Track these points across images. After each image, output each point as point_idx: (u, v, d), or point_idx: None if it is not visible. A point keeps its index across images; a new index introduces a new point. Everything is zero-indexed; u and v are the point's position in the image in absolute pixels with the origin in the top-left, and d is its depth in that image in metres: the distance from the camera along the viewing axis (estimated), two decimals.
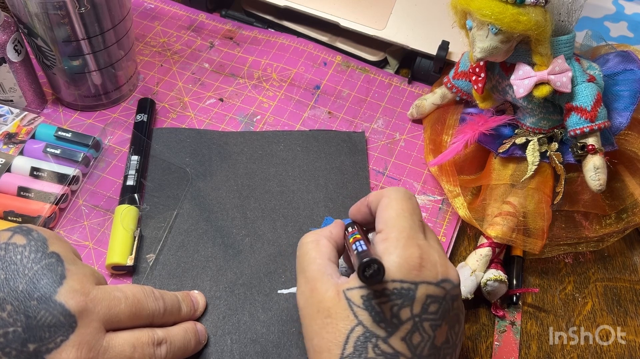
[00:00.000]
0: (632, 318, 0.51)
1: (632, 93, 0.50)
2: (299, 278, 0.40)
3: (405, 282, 0.35)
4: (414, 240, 0.37)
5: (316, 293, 0.37)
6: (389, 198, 0.39)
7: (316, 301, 0.37)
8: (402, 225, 0.37)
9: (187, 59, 0.67)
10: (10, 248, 0.36)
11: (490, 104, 0.54)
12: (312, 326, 0.37)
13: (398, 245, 0.36)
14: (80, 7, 0.50)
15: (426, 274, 0.36)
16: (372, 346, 0.35)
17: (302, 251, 0.41)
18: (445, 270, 0.37)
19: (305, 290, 0.38)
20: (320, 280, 0.38)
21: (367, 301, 0.35)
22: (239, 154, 0.57)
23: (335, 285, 0.37)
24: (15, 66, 0.55)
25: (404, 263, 0.35)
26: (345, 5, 0.66)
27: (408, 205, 0.39)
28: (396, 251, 0.36)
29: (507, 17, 0.44)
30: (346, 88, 0.65)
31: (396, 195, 0.39)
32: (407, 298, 0.35)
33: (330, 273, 0.38)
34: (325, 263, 0.39)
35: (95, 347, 0.36)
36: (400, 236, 0.37)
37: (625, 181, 0.53)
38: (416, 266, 0.36)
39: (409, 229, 0.37)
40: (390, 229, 0.37)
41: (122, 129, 0.59)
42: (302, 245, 0.41)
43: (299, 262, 0.41)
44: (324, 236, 0.41)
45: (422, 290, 0.35)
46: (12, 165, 0.52)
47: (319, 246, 0.40)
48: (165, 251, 0.50)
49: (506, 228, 0.50)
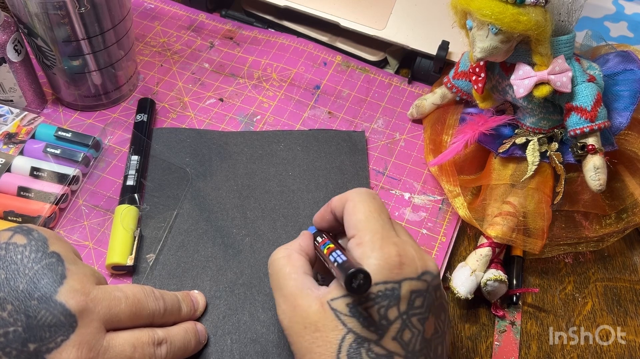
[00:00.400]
0: (632, 318, 0.51)
1: (632, 93, 0.50)
2: (276, 296, 0.39)
3: (389, 282, 0.35)
4: (388, 239, 0.37)
5: (299, 309, 0.37)
6: (353, 201, 0.39)
7: (301, 317, 0.36)
8: (374, 226, 0.37)
9: (187, 59, 0.67)
10: (11, 248, 0.36)
11: (490, 104, 0.54)
12: (302, 343, 0.36)
13: (374, 247, 0.36)
14: (80, 7, 0.50)
15: (407, 270, 0.36)
16: (365, 350, 0.35)
17: (275, 268, 0.40)
18: (423, 263, 0.37)
19: (287, 308, 0.38)
20: (300, 296, 0.37)
21: (353, 308, 0.35)
22: (239, 154, 0.57)
23: (318, 298, 0.36)
24: (15, 66, 0.55)
25: (384, 264, 0.35)
26: (345, 5, 0.66)
27: (374, 205, 0.39)
28: (373, 253, 0.36)
29: (507, 17, 0.44)
30: (346, 88, 0.65)
31: (360, 197, 0.39)
32: (393, 298, 0.35)
33: (308, 286, 0.38)
34: (302, 277, 0.38)
35: (96, 347, 0.36)
36: (375, 237, 0.36)
37: (625, 181, 0.53)
38: (396, 264, 0.36)
39: (381, 229, 0.37)
40: (363, 232, 0.37)
41: (122, 129, 0.59)
42: (273, 262, 0.40)
43: (273, 280, 0.40)
44: (294, 250, 0.40)
45: (406, 287, 0.35)
46: (12, 165, 0.52)
47: (291, 261, 0.39)
48: (165, 251, 0.50)
49: (506, 228, 0.50)
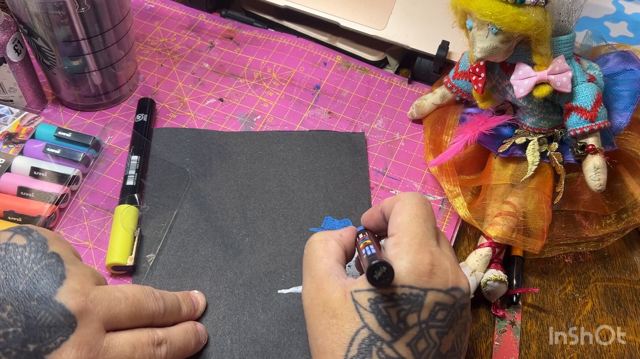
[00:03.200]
0: (632, 318, 0.51)
1: (632, 93, 0.50)
2: (305, 276, 0.40)
3: (415, 288, 0.35)
4: (426, 246, 0.36)
5: (322, 293, 0.37)
6: (403, 202, 0.39)
7: (322, 301, 0.37)
8: (415, 230, 0.37)
9: (187, 59, 0.67)
10: (11, 249, 0.36)
11: (490, 104, 0.54)
12: (317, 325, 0.37)
13: (410, 250, 0.36)
14: (80, 7, 0.50)
15: (436, 281, 0.35)
16: (376, 349, 0.34)
17: (310, 250, 0.40)
18: (456, 278, 0.36)
19: (311, 288, 0.38)
20: (326, 280, 0.37)
21: (374, 304, 0.35)
22: (239, 154, 0.57)
23: (342, 286, 0.37)
24: (15, 66, 0.55)
25: (414, 268, 0.35)
26: (345, 5, 0.66)
27: (422, 211, 0.38)
28: (407, 256, 0.36)
29: (507, 17, 0.44)
30: (346, 88, 0.65)
31: (411, 200, 0.39)
32: (415, 304, 0.35)
33: (337, 273, 0.38)
34: (333, 263, 0.39)
35: (95, 347, 0.36)
36: (413, 241, 0.36)
37: (625, 181, 0.53)
38: (426, 272, 0.35)
39: (421, 235, 0.37)
40: (403, 234, 0.37)
41: (122, 129, 0.59)
42: (310, 243, 0.41)
43: (305, 260, 0.40)
44: (333, 238, 0.41)
45: (431, 296, 0.35)
46: (12, 165, 0.52)
47: (327, 246, 0.40)
48: (165, 251, 0.50)
49: (506, 228, 0.50)
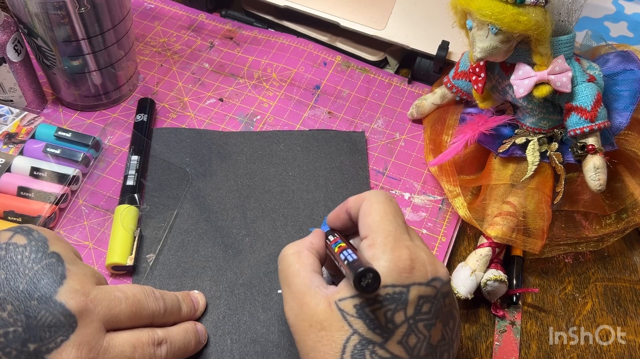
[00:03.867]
0: (632, 318, 0.51)
1: (632, 93, 0.50)
2: (284, 292, 0.39)
3: (397, 286, 0.35)
4: (401, 242, 0.36)
5: (306, 308, 0.37)
6: (369, 202, 0.39)
7: (307, 315, 0.36)
8: (387, 228, 0.37)
9: (187, 59, 0.67)
10: (11, 248, 0.36)
11: (490, 104, 0.54)
12: (306, 341, 0.36)
13: (386, 249, 0.36)
14: (80, 7, 0.50)
15: (417, 275, 0.36)
16: (369, 353, 0.34)
17: (285, 265, 0.40)
18: (434, 269, 0.37)
19: (294, 305, 0.38)
20: (308, 294, 0.37)
21: (360, 309, 0.35)
22: (239, 154, 0.57)
23: (325, 297, 0.36)
24: (15, 66, 0.55)
25: (394, 267, 0.35)
26: (345, 5, 0.66)
27: (390, 208, 0.38)
28: (384, 255, 0.36)
29: (507, 17, 0.44)
30: (346, 88, 0.65)
31: (377, 199, 0.39)
32: (400, 302, 0.35)
33: (317, 284, 0.38)
34: (310, 275, 0.38)
35: (96, 347, 0.36)
36: (387, 240, 0.36)
37: (625, 182, 0.53)
38: (406, 268, 0.35)
39: (394, 232, 0.37)
40: (376, 234, 0.37)
41: (122, 129, 0.59)
42: (283, 258, 0.40)
43: (282, 276, 0.40)
44: (305, 248, 0.40)
45: (414, 291, 0.35)
46: (12, 165, 0.52)
47: (301, 258, 0.39)
48: (165, 251, 0.50)
49: (506, 228, 0.50)
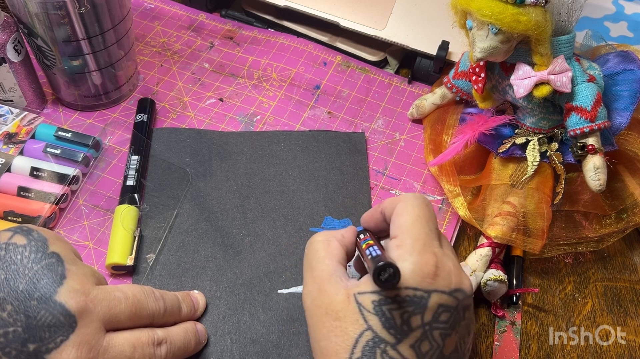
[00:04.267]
0: (632, 318, 0.51)
1: (632, 93, 0.50)
2: (305, 275, 0.39)
3: (419, 290, 0.35)
4: (429, 248, 0.36)
5: (324, 295, 0.37)
6: (405, 204, 0.39)
7: (324, 303, 0.36)
8: (418, 231, 0.37)
9: (187, 59, 0.67)
10: (11, 248, 0.36)
11: (490, 104, 0.54)
12: (320, 328, 0.36)
13: (413, 252, 0.36)
14: (80, 7, 0.50)
15: (440, 283, 0.35)
16: (380, 351, 0.34)
17: (311, 249, 0.40)
18: (459, 280, 0.36)
19: (313, 289, 0.38)
20: (328, 281, 0.37)
21: (377, 306, 0.35)
22: (239, 154, 0.57)
23: (345, 288, 0.36)
24: (15, 66, 0.55)
25: (418, 270, 0.35)
26: (345, 5, 0.66)
27: (425, 212, 0.38)
28: (411, 258, 0.35)
29: (507, 17, 0.44)
30: (346, 88, 0.65)
31: (413, 202, 0.38)
32: (419, 306, 0.35)
33: (339, 275, 0.38)
34: (335, 265, 0.38)
35: (95, 347, 0.36)
36: (416, 243, 0.36)
37: (625, 181, 0.53)
38: (430, 274, 0.35)
39: (424, 236, 0.37)
40: (405, 235, 0.37)
41: (122, 129, 0.59)
42: (311, 243, 0.40)
43: (306, 260, 0.40)
44: (334, 238, 0.40)
45: (435, 298, 0.35)
46: (12, 165, 0.52)
47: (329, 246, 0.39)
48: (165, 251, 0.50)
49: (506, 228, 0.50)
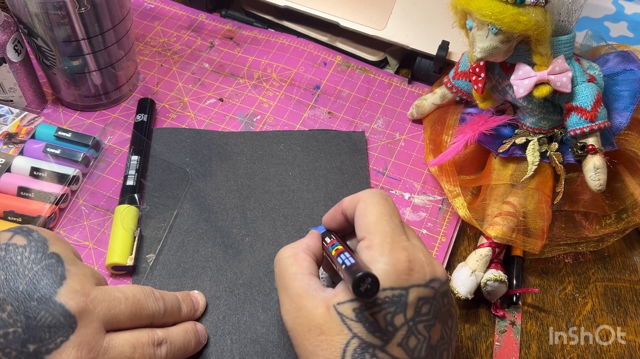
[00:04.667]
0: (632, 318, 0.51)
1: (632, 93, 0.50)
2: (281, 296, 0.39)
3: (396, 289, 0.35)
4: (398, 243, 0.36)
5: (304, 311, 0.36)
6: (365, 203, 0.38)
7: (306, 319, 0.36)
8: (384, 229, 0.37)
9: (187, 59, 0.67)
10: (11, 249, 0.36)
11: (490, 104, 0.54)
12: (306, 345, 0.36)
13: (383, 251, 0.36)
14: (80, 7, 0.50)
15: (415, 277, 0.35)
16: (370, 356, 0.34)
17: (281, 267, 0.39)
18: (432, 269, 0.36)
19: (291, 308, 0.37)
20: (305, 297, 0.37)
21: (359, 313, 0.35)
22: (239, 154, 0.57)
23: (324, 300, 0.36)
24: (15, 66, 0.55)
25: (392, 269, 0.35)
26: (345, 5, 0.66)
27: (386, 208, 0.38)
28: (382, 257, 0.35)
29: (507, 17, 0.44)
30: (346, 88, 0.65)
31: (372, 199, 0.38)
32: (400, 305, 0.35)
33: (314, 288, 0.37)
34: (308, 278, 0.38)
35: (95, 348, 0.36)
36: (384, 241, 0.36)
37: (625, 182, 0.53)
38: (405, 270, 0.35)
39: (391, 232, 0.37)
40: (373, 235, 0.37)
41: (122, 129, 0.59)
42: (279, 260, 0.40)
43: (279, 279, 0.39)
44: (301, 250, 0.40)
45: (413, 293, 0.35)
46: (12, 165, 0.52)
47: (297, 260, 0.39)
48: (165, 251, 0.50)
49: (506, 228, 0.50)
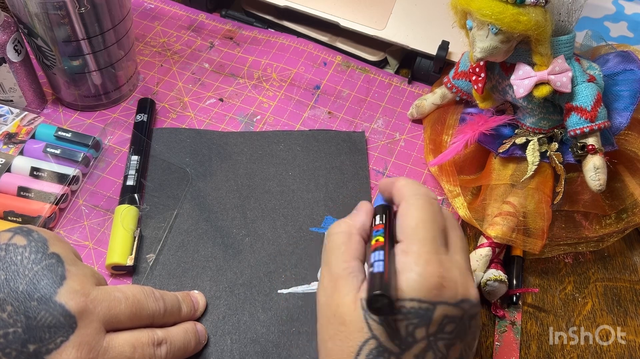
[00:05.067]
0: (632, 318, 0.51)
1: (632, 93, 0.50)
2: (323, 270, 0.38)
3: (424, 302, 0.34)
4: (435, 256, 0.35)
5: (337, 294, 0.36)
6: (407, 203, 0.37)
7: (335, 303, 0.36)
8: (424, 236, 0.36)
9: (187, 59, 0.67)
10: (11, 249, 0.36)
11: (490, 104, 0.54)
12: (327, 328, 0.36)
13: (419, 261, 0.34)
14: (80, 7, 0.50)
15: (446, 294, 0.34)
16: None
17: (332, 243, 0.38)
18: (465, 290, 0.35)
19: (329, 286, 0.37)
20: (344, 280, 0.36)
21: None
22: (239, 154, 0.57)
23: (355, 291, 0.35)
24: (15, 66, 0.55)
25: (423, 281, 0.34)
26: (345, 5, 0.66)
27: (429, 213, 0.37)
28: (417, 268, 0.34)
29: (507, 17, 0.44)
30: (346, 88, 0.65)
31: (416, 201, 0.37)
32: (424, 318, 0.34)
33: (355, 274, 0.36)
34: (354, 262, 0.37)
35: (96, 348, 0.36)
36: (422, 250, 0.35)
37: (625, 182, 0.53)
38: (436, 285, 0.34)
39: (430, 242, 0.35)
40: (410, 241, 0.36)
41: (122, 129, 0.59)
42: (332, 234, 0.39)
43: (326, 253, 0.38)
44: (357, 231, 0.39)
45: (440, 310, 0.34)
46: (12, 165, 0.52)
47: (350, 241, 0.38)
48: (165, 251, 0.50)
49: (506, 228, 0.50)
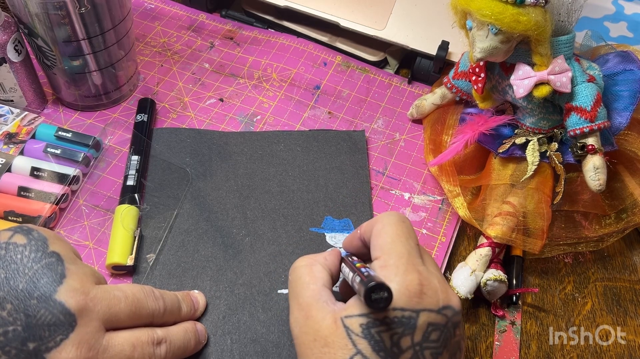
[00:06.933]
0: (632, 318, 0.51)
1: (631, 93, 0.50)
2: (291, 304, 0.39)
3: (407, 310, 0.34)
4: (413, 266, 0.36)
5: (312, 321, 0.36)
6: (382, 224, 0.38)
7: (312, 329, 0.36)
8: (400, 250, 0.36)
9: (187, 59, 0.67)
10: (11, 248, 0.36)
11: (490, 104, 0.54)
12: (309, 355, 0.36)
13: (398, 271, 0.35)
14: (80, 7, 0.51)
15: (427, 301, 0.35)
16: None
17: (295, 276, 0.39)
18: (446, 296, 0.36)
19: (299, 316, 0.37)
20: (315, 307, 0.36)
21: (366, 329, 0.34)
22: (239, 154, 0.57)
23: (332, 312, 0.36)
24: (16, 66, 0.55)
25: (404, 290, 0.34)
26: (345, 5, 0.66)
27: (403, 229, 0.38)
28: (396, 278, 0.35)
29: (507, 17, 0.44)
30: (346, 88, 0.65)
31: (389, 220, 0.38)
32: (408, 327, 0.34)
33: (325, 299, 0.37)
34: (320, 289, 0.38)
35: (95, 346, 0.36)
36: (399, 262, 0.36)
37: (625, 182, 0.53)
38: (417, 293, 0.34)
39: (407, 254, 0.36)
40: (388, 255, 0.36)
41: (122, 129, 0.59)
42: (294, 269, 0.40)
43: (291, 287, 0.39)
44: (317, 262, 0.40)
45: (424, 317, 0.34)
46: (12, 165, 0.52)
47: (312, 271, 0.39)
48: (165, 251, 0.50)
49: (506, 228, 0.50)
